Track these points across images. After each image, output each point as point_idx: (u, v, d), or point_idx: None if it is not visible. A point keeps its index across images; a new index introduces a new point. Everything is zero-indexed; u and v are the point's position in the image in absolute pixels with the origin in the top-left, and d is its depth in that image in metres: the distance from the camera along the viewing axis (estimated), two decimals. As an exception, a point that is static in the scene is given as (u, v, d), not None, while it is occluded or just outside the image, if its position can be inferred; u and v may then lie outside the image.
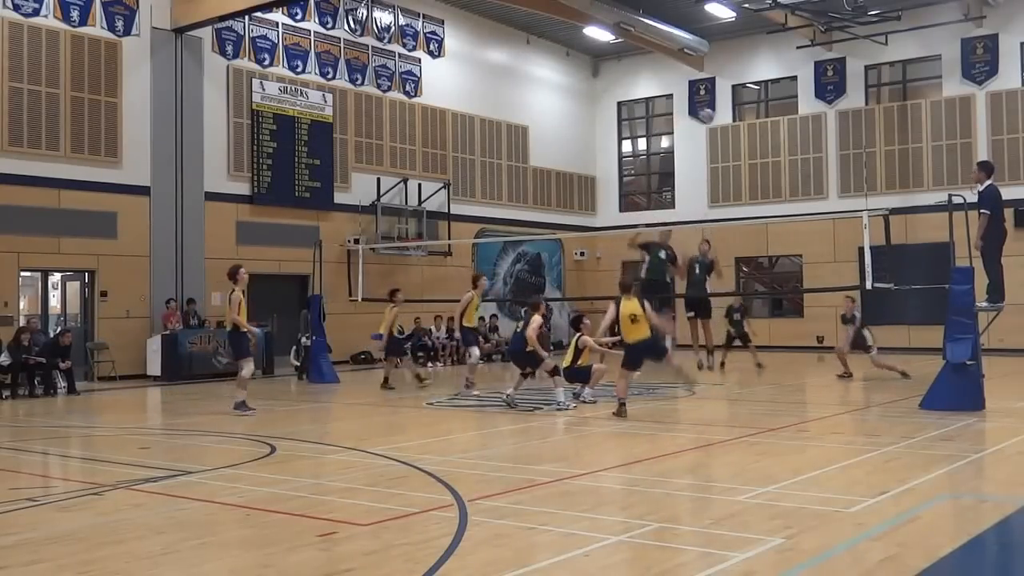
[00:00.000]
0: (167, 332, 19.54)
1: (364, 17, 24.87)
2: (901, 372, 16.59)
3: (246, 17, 21.72)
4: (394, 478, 8.21)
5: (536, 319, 13.71)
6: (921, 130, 26.48)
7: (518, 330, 14.08)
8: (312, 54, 23.54)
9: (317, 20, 23.74)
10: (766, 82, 29.46)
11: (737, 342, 20.07)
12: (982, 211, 12.45)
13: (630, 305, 12.28)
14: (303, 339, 19.88)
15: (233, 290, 13.33)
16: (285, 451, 9.85)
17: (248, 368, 13.45)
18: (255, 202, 22.05)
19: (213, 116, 21.40)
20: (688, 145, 30.28)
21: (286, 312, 21.49)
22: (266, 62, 22.54)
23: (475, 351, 16.36)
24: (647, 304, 12.60)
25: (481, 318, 26.16)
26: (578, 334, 13.97)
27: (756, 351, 19.82)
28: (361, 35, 24.75)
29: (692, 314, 18.05)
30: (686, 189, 30.15)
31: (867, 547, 5.73)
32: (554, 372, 13.45)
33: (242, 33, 22.07)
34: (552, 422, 12.16)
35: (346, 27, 24.42)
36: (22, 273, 19.11)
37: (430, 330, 24.20)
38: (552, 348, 14.63)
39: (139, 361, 19.73)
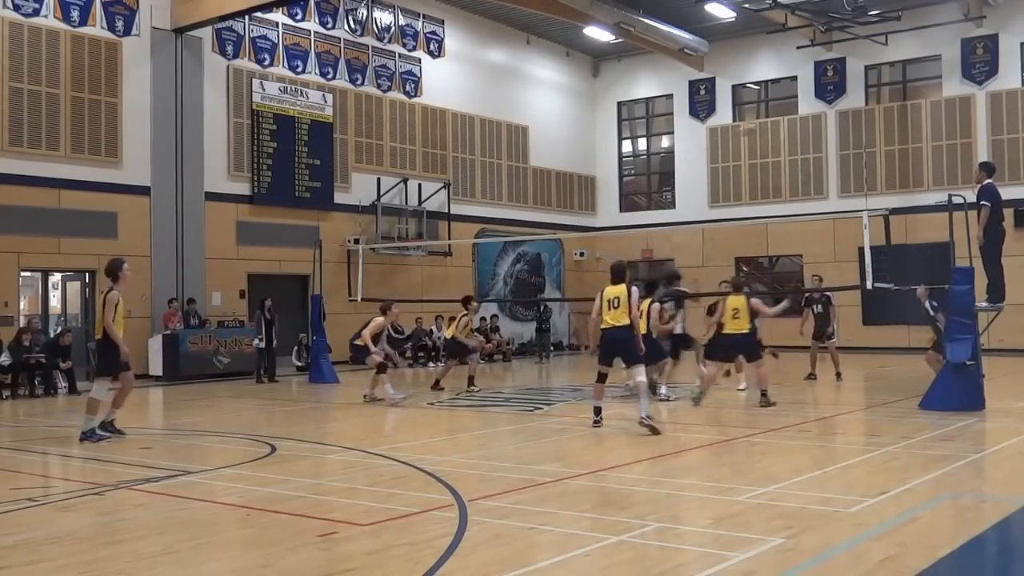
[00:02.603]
0: (168, 332, 19.55)
1: (364, 17, 24.86)
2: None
3: (246, 17, 21.71)
4: (394, 478, 8.21)
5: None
6: (921, 130, 26.47)
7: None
8: (312, 54, 23.53)
9: (317, 20, 23.73)
10: (766, 82, 29.45)
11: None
12: (982, 203, 12.50)
13: (734, 300, 13.49)
14: (256, 341, 19.60)
15: (111, 288, 11.17)
16: (285, 451, 9.85)
17: (103, 387, 10.99)
18: (255, 202, 22.05)
19: (213, 116, 21.39)
20: (688, 145, 30.28)
21: (286, 312, 21.46)
22: (266, 62, 22.53)
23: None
24: (753, 300, 13.72)
25: (483, 318, 26.20)
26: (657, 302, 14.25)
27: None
28: (361, 35, 24.74)
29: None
30: (686, 189, 30.15)
31: (867, 547, 5.73)
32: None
33: (242, 33, 22.06)
34: (552, 422, 12.16)
35: (346, 27, 24.41)
36: (22, 273, 19.09)
37: (431, 330, 24.20)
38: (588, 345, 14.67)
39: (140, 361, 19.68)
